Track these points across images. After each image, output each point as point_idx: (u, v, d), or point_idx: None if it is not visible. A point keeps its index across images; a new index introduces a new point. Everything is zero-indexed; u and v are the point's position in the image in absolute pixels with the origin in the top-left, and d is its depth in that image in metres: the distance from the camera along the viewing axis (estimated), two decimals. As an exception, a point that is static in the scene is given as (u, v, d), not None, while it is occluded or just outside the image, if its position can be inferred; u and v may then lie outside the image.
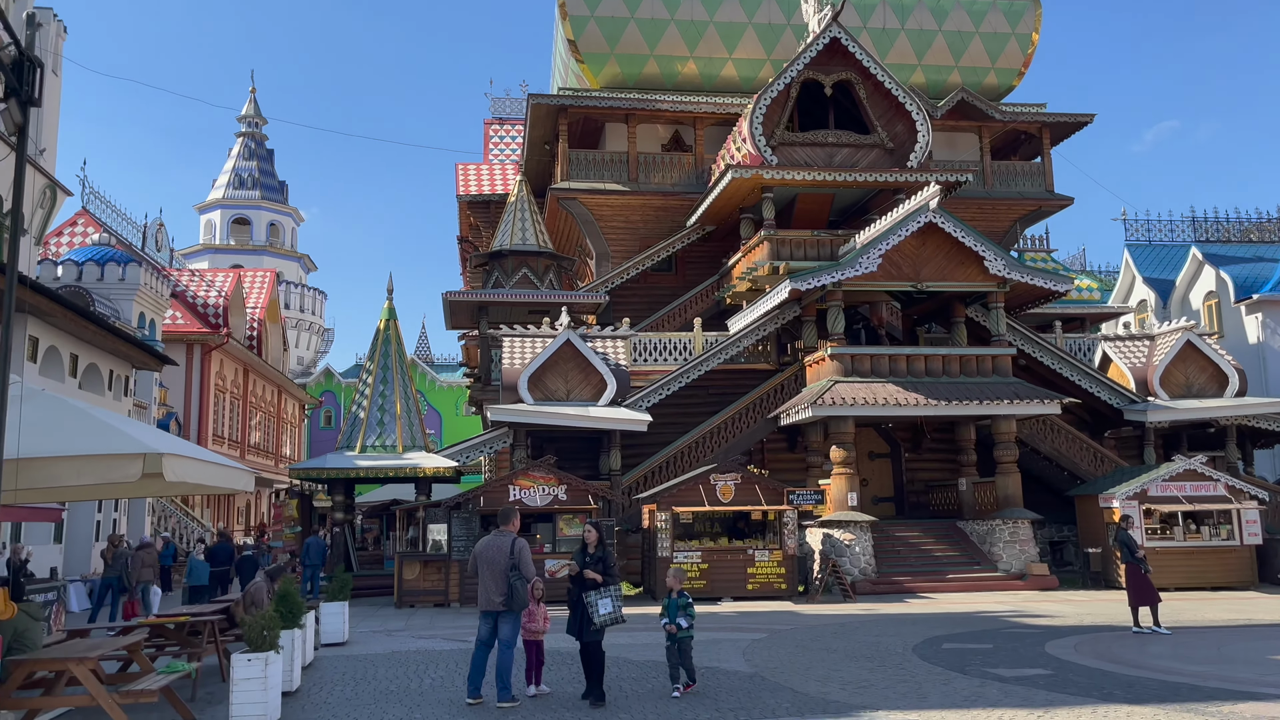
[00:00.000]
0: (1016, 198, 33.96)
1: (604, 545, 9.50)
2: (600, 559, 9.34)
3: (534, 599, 9.56)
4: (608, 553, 9.44)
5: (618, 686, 9.85)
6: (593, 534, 9.56)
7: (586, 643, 9.16)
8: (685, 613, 9.62)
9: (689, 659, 9.59)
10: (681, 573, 10.09)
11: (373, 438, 23.25)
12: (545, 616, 9.66)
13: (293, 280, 73.16)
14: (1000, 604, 19.12)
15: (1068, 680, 9.93)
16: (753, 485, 21.40)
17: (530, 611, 9.51)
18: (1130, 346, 28.35)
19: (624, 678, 10.44)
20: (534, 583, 9.55)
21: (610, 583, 9.16)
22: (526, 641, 9.57)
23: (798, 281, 23.52)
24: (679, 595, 9.76)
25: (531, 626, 9.56)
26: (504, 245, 30.41)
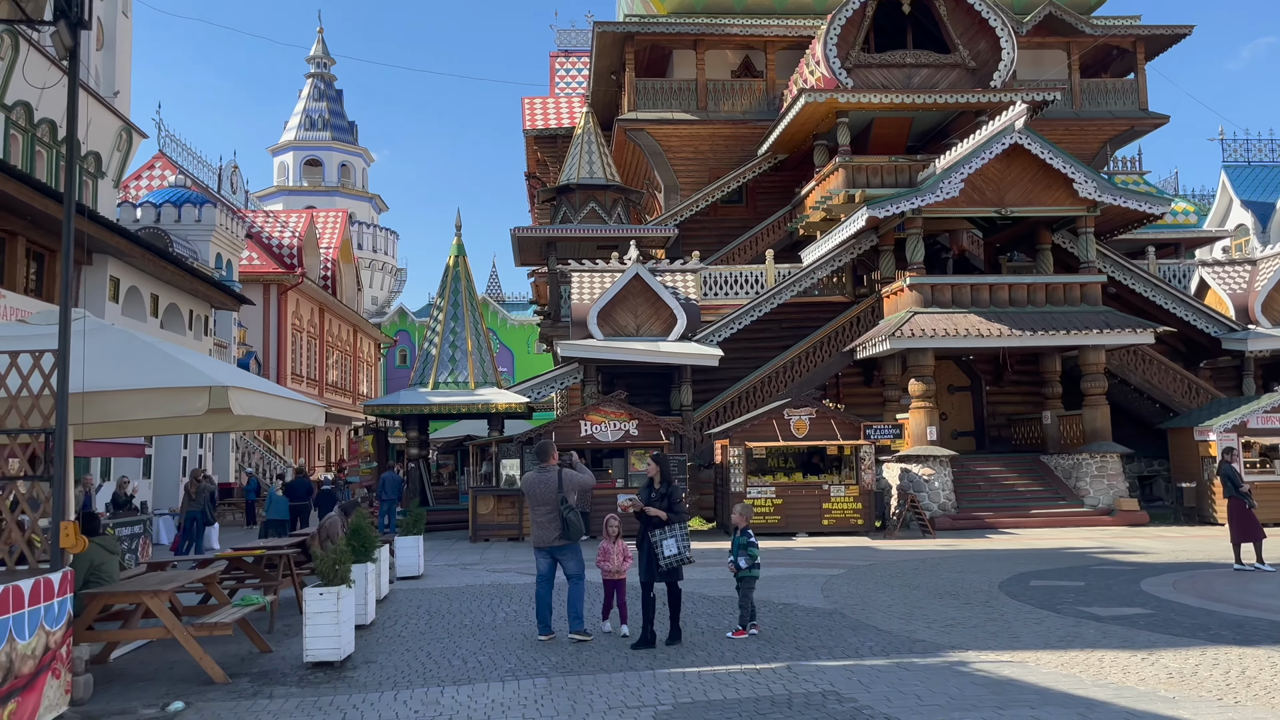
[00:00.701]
0: (1107, 117, 32.20)
1: (669, 481, 8.89)
2: (665, 495, 8.76)
3: (608, 536, 9.23)
4: (673, 489, 8.83)
5: (692, 623, 9.61)
6: (654, 468, 8.98)
7: (651, 582, 8.66)
8: (746, 552, 9.08)
9: (748, 599, 9.03)
10: (748, 509, 9.43)
11: (445, 374, 23.28)
12: (625, 554, 9.13)
13: (365, 221, 73.90)
14: (1088, 540, 18.45)
15: (1170, 620, 9.39)
16: (828, 420, 20.91)
17: (605, 550, 9.15)
18: (1230, 271, 26.86)
19: (698, 613, 10.21)
20: (607, 520, 9.25)
21: (676, 520, 8.63)
22: (606, 581, 9.19)
23: (875, 209, 22.66)
24: (741, 533, 9.26)
25: (607, 566, 9.15)
26: (571, 179, 29.96)
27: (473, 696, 6.80)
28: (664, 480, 8.88)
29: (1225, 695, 6.42)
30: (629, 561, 9.07)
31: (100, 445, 13.88)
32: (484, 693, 6.91)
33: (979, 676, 7.05)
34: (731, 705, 6.36)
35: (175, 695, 7.00)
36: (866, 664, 7.57)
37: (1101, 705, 6.17)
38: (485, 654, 8.35)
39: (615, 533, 9.17)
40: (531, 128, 39.31)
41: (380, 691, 7.02)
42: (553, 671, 7.56)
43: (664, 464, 8.99)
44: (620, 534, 9.23)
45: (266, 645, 8.69)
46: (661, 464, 8.97)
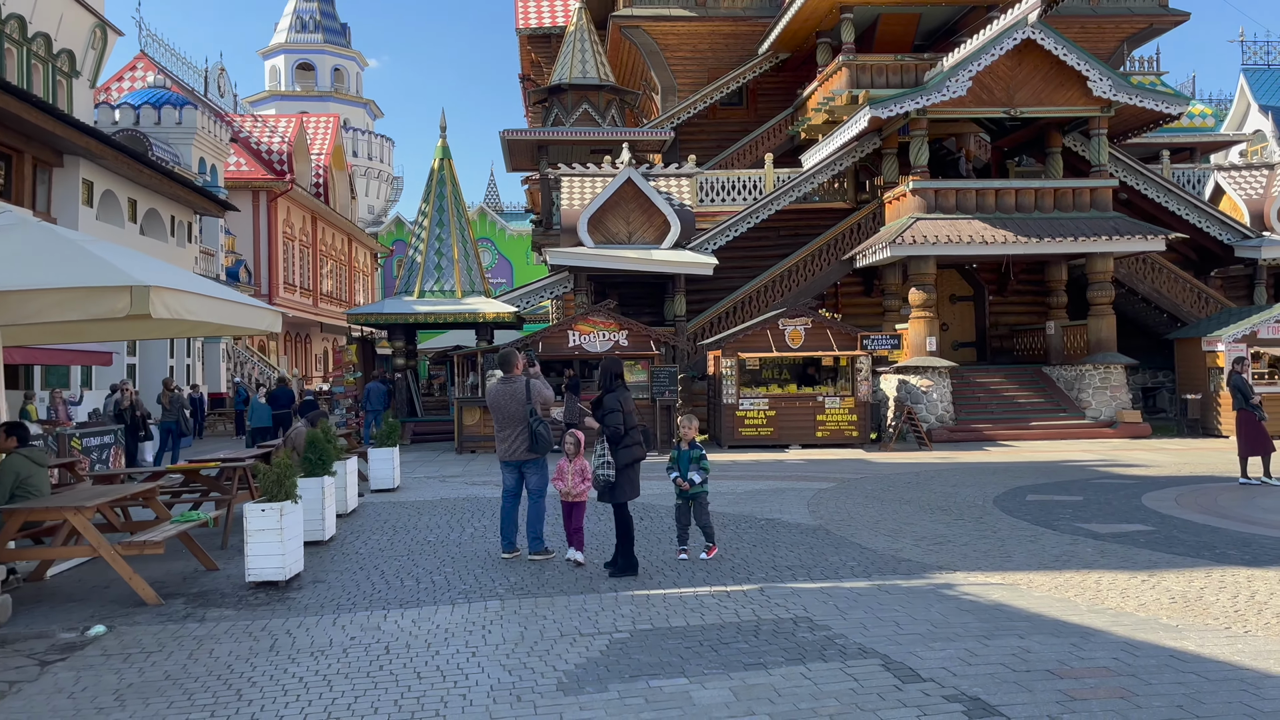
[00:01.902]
0: (1125, 14, 30.69)
1: (607, 388, 7.89)
2: (597, 404, 7.85)
3: (566, 454, 8.26)
4: (606, 397, 7.81)
5: (669, 540, 9.09)
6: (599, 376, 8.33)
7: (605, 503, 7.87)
8: (698, 465, 8.28)
9: (705, 516, 8.32)
10: (692, 419, 8.51)
11: (430, 282, 22.56)
12: (583, 474, 8.08)
13: (359, 127, 72.19)
14: (1088, 453, 17.97)
15: (1172, 538, 8.88)
16: (824, 330, 20.27)
17: (560, 469, 8.18)
18: (1247, 177, 25.81)
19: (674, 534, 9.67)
20: (565, 436, 8.28)
21: (602, 436, 7.71)
22: (563, 504, 8.23)
23: (878, 109, 21.58)
24: (690, 446, 8.38)
25: (560, 487, 8.16)
26: (563, 79, 28.72)
27: (417, 621, 6.31)
28: (602, 387, 7.98)
29: (1234, 623, 5.90)
30: (587, 483, 8.09)
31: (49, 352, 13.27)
32: (430, 617, 6.42)
33: (965, 600, 6.54)
34: (694, 633, 5.85)
35: (102, 617, 6.53)
36: (845, 586, 7.06)
37: (1097, 634, 5.65)
38: (443, 573, 7.87)
39: (573, 450, 8.22)
40: (525, 26, 37.70)
41: (320, 615, 6.54)
42: (508, 593, 7.07)
43: (602, 369, 8.08)
44: (579, 451, 8.28)
45: (213, 563, 8.23)
46: (604, 370, 8.05)
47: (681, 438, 8.49)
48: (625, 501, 7.74)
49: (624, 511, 7.77)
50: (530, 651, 5.54)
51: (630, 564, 7.67)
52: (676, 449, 8.48)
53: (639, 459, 7.80)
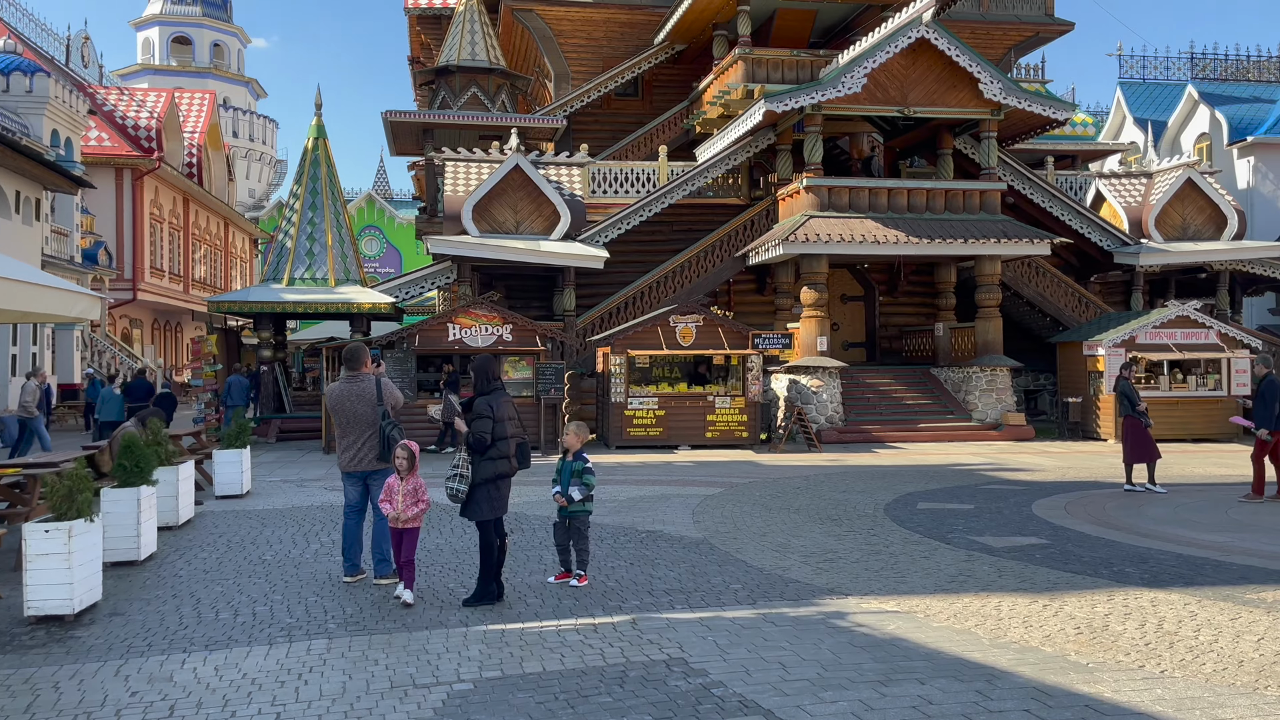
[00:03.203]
0: (1012, 22, 31.14)
1: (481, 390, 6.87)
2: (468, 407, 6.86)
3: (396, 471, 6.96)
4: (477, 401, 6.81)
5: (536, 559, 8.21)
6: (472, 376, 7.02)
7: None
8: (580, 480, 7.31)
9: (583, 541, 7.35)
10: (583, 427, 7.62)
11: (301, 269, 21.09)
12: (417, 496, 6.82)
13: (240, 107, 68.86)
14: (975, 455, 17.86)
15: (1068, 553, 8.47)
16: (715, 328, 19.70)
17: (390, 488, 6.87)
18: (1126, 184, 26.41)
19: (550, 545, 8.81)
20: (396, 450, 6.93)
21: (464, 442, 6.72)
22: (393, 531, 6.88)
23: (773, 102, 21.12)
24: (574, 457, 7.44)
25: (388, 509, 6.79)
26: (450, 61, 27.47)
27: (221, 669, 5.29)
28: (476, 389, 6.93)
29: (1147, 660, 5.38)
30: (422, 506, 6.84)
31: None
32: (239, 662, 5.41)
33: (859, 634, 5.88)
34: (550, 682, 5.01)
35: None
36: (728, 616, 6.33)
37: (1004, 677, 5.05)
38: (270, 601, 6.82)
39: (405, 465, 6.88)
40: (414, 6, 36.13)
41: (104, 660, 5.45)
42: (341, 629, 6.08)
43: (477, 368, 6.96)
44: (414, 466, 6.92)
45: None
46: (475, 368, 6.98)
47: (568, 447, 7.55)
48: (486, 520, 6.77)
49: (485, 531, 6.79)
50: (349, 713, 4.61)
51: (486, 591, 6.73)
52: (563, 459, 7.55)
53: (503, 475, 6.79)
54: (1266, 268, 25.82)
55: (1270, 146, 33.94)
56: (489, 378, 6.88)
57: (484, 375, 6.92)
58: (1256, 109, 36.02)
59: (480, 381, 6.92)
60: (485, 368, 6.94)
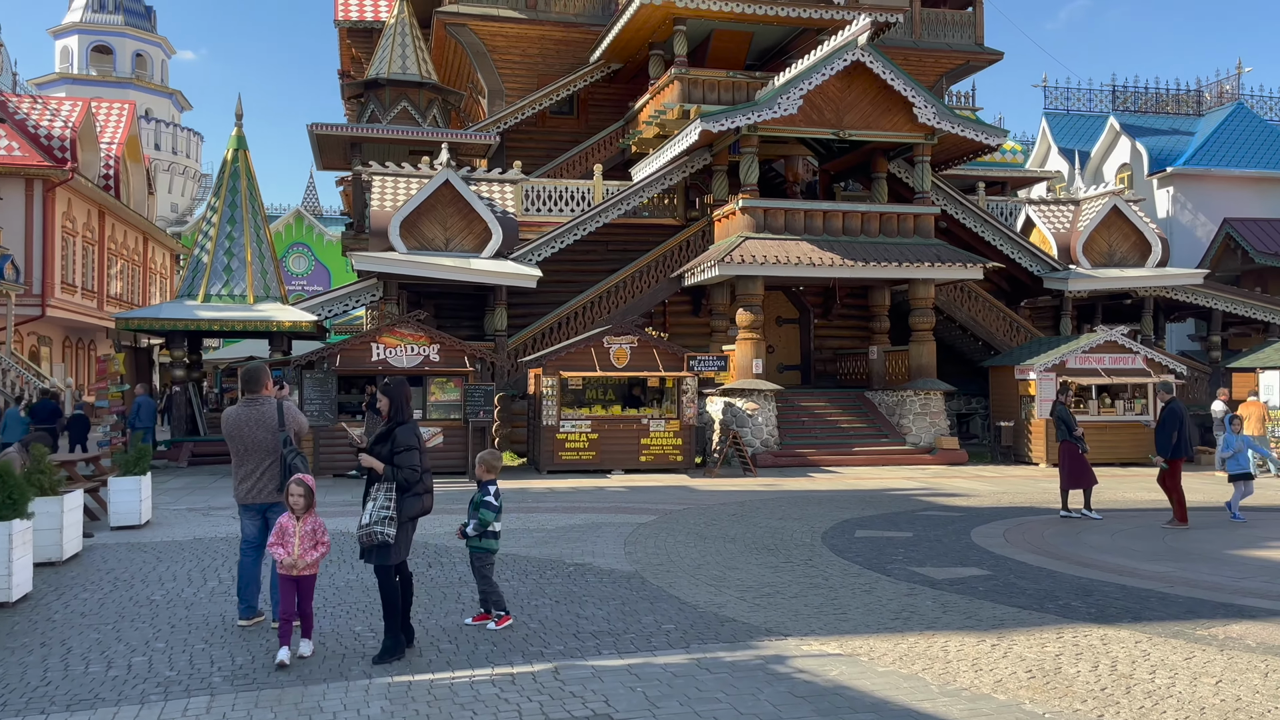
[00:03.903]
0: (944, 49, 31.52)
1: (399, 418, 6.25)
2: (387, 437, 6.14)
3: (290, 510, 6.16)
4: (401, 430, 6.14)
5: (454, 597, 7.61)
6: (384, 401, 6.33)
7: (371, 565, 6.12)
8: (477, 514, 6.76)
9: (484, 580, 6.74)
10: (493, 457, 7.03)
11: (218, 286, 20.16)
12: (316, 538, 6.07)
13: (163, 119, 66.91)
14: (910, 480, 17.70)
15: (1011, 585, 8.18)
16: (650, 349, 19.30)
17: (282, 528, 6.06)
18: (1055, 211, 26.79)
19: (463, 580, 8.23)
20: (289, 486, 6.15)
21: (390, 479, 6.03)
22: (284, 580, 6.05)
23: (709, 122, 20.90)
24: (481, 488, 6.89)
25: (281, 554, 5.98)
26: (380, 74, 26.80)
27: (81, 735, 4.64)
28: (393, 417, 6.27)
29: (1105, 709, 5.04)
30: (321, 549, 6.10)
31: None
32: (103, 726, 4.76)
33: (800, 681, 5.44)
34: (459, 745, 4.47)
35: None
36: (659, 662, 5.84)
37: (956, 730, 4.65)
38: (151, 650, 6.14)
39: (302, 503, 6.11)
40: (344, 19, 35.33)
41: (-56, 728, 4.76)
42: (226, 683, 5.45)
43: (392, 394, 6.32)
44: (311, 504, 6.17)
45: None
46: (389, 393, 6.32)
47: (479, 478, 6.99)
48: (391, 565, 6.08)
49: (388, 577, 6.05)
50: (221, 789, 4.02)
51: (396, 644, 6.00)
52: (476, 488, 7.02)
53: (426, 511, 6.23)
54: (1188, 294, 26.37)
55: (1188, 177, 34.88)
56: (405, 403, 6.31)
57: (401, 401, 6.31)
58: (1175, 140, 37.06)
59: (396, 408, 6.29)
60: (402, 392, 6.34)
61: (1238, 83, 38.70)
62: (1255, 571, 8.85)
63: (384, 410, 6.36)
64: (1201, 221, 34.52)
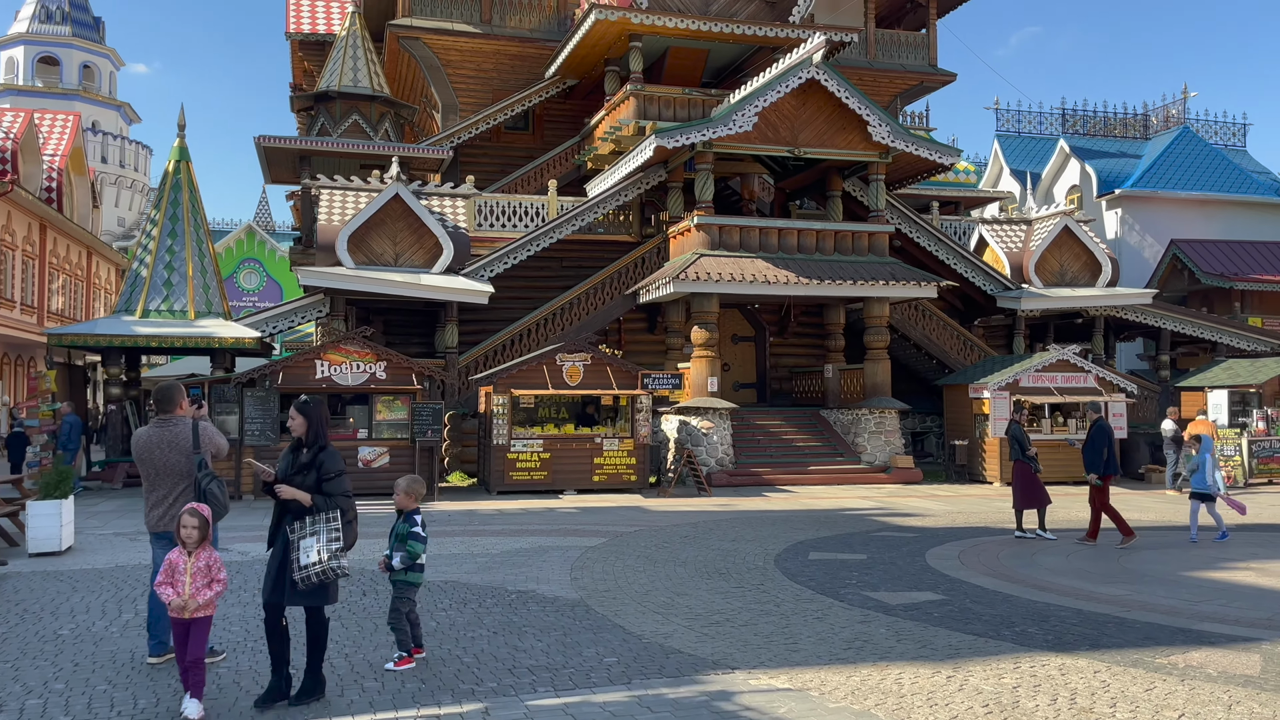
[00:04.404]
0: (899, 70, 31.75)
1: (321, 442, 5.69)
2: (311, 465, 5.60)
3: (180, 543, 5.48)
4: (327, 455, 5.64)
5: (373, 639, 7.17)
6: (298, 421, 5.72)
7: (281, 604, 5.52)
8: (403, 546, 6.31)
9: (399, 618, 6.28)
10: (416, 483, 6.54)
11: (157, 301, 19.51)
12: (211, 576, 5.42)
13: (111, 131, 65.59)
14: (866, 499, 17.53)
15: (967, 610, 7.95)
16: (604, 367, 18.99)
17: (172, 565, 5.42)
18: (1007, 230, 26.97)
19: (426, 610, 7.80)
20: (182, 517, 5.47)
21: (327, 508, 5.52)
22: (175, 623, 5.40)
23: (664, 138, 20.72)
24: (406, 518, 6.42)
25: (170, 594, 5.34)
26: (331, 86, 26.32)
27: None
28: (314, 441, 5.71)
29: (1065, 747, 4.78)
30: (217, 588, 5.45)
31: None
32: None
33: (746, 720, 5.14)
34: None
35: None
36: (598, 700, 5.50)
37: (909, 773, 4.36)
38: (48, 692, 5.67)
39: (196, 534, 5.44)
40: (295, 31, 34.81)
41: None
42: (124, 731, 5.02)
43: (311, 414, 5.73)
44: (207, 535, 5.53)
45: None
46: (308, 414, 5.73)
47: (400, 507, 6.51)
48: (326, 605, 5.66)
49: (322, 615, 5.67)
50: None
51: (318, 682, 5.61)
52: (396, 517, 6.54)
53: (354, 541, 5.75)
54: (1138, 314, 26.64)
55: (1136, 199, 35.42)
56: (324, 425, 5.87)
57: (321, 423, 5.79)
58: (1123, 163, 37.66)
59: (316, 431, 5.72)
60: (320, 413, 5.82)
61: (1184, 107, 39.46)
62: (1211, 594, 8.72)
63: (299, 431, 5.74)
64: (1149, 242, 35.05)
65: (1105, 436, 12.28)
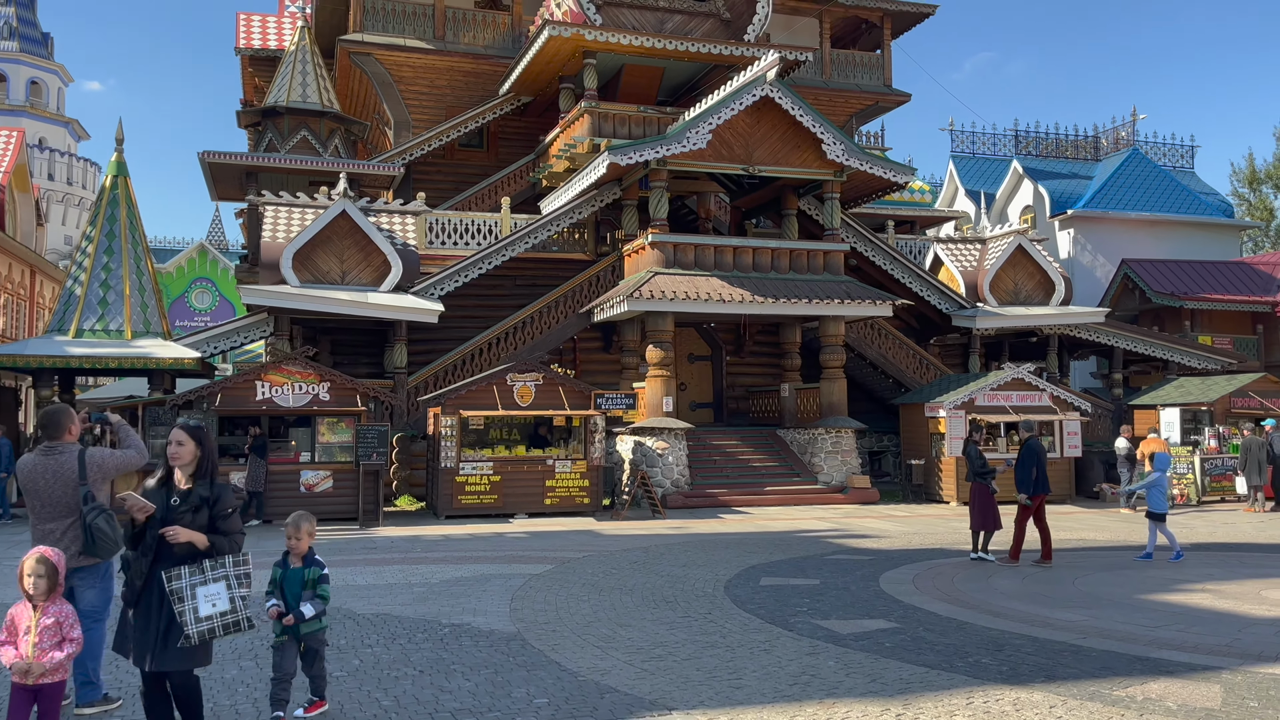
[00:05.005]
0: (854, 90, 31.84)
1: (211, 473, 4.98)
2: (206, 500, 4.88)
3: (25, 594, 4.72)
4: (223, 490, 4.97)
5: (256, 691, 6.69)
6: (187, 447, 4.96)
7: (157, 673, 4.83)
8: (316, 593, 5.60)
9: (320, 665, 5.71)
10: (304, 520, 5.73)
11: (92, 320, 18.82)
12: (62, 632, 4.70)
13: (58, 148, 64.22)
14: (821, 520, 17.27)
15: (919, 639, 7.65)
16: (556, 387, 18.59)
17: (11, 623, 4.68)
18: (962, 249, 27.03)
19: (351, 647, 7.33)
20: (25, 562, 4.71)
21: (221, 551, 4.84)
22: (16, 690, 4.65)
23: (617, 155, 20.46)
24: (308, 560, 5.68)
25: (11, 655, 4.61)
26: (279, 101, 25.80)
27: None
28: (205, 472, 4.99)
29: (1018, 796, 4.47)
30: (70, 650, 4.72)
31: None
32: None
33: (679, 769, 4.76)
34: None
35: None
36: (521, 748, 5.11)
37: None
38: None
39: (43, 584, 4.69)
40: (246, 46, 34.21)
41: None
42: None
43: (204, 439, 5.05)
44: (58, 585, 4.77)
45: None
46: (200, 438, 5.02)
47: (290, 549, 5.74)
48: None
49: (194, 679, 4.99)
50: None
51: None
52: (281, 565, 5.72)
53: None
54: (1091, 333, 26.78)
55: (1088, 219, 35.79)
56: (214, 451, 5.25)
57: (212, 448, 5.16)
58: (1075, 184, 38.09)
59: (207, 458, 5.05)
60: (210, 438, 5.23)
61: (1133, 129, 40.05)
62: (1168, 619, 8.50)
63: (186, 459, 4.96)
64: (1101, 262, 35.40)
65: (1034, 456, 12.20)
